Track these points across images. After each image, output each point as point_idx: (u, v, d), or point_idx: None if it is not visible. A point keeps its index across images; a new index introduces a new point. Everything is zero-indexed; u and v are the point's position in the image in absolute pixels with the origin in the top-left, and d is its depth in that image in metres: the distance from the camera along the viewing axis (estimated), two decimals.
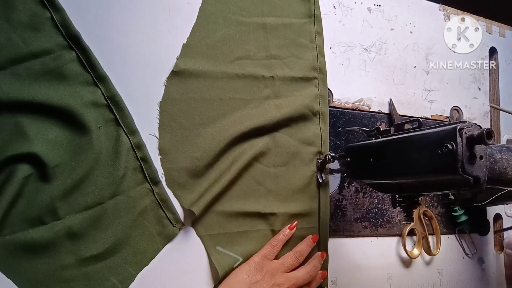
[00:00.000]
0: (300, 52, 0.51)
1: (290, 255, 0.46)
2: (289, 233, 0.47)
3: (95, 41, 0.41)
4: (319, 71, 0.52)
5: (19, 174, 0.37)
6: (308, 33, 0.52)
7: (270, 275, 0.43)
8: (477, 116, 0.66)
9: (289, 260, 0.45)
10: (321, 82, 0.52)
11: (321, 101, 0.52)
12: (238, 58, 0.48)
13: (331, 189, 0.53)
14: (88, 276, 0.39)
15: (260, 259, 0.44)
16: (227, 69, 0.47)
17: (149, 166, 0.42)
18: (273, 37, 0.50)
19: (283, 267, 0.45)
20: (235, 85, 0.47)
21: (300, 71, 0.51)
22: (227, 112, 0.46)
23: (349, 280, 0.52)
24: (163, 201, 0.42)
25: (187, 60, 0.45)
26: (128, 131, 0.41)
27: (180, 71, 0.45)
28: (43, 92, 0.38)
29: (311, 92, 0.51)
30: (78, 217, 0.38)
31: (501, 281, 0.64)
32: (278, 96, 0.49)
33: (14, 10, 0.38)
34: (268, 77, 0.49)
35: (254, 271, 0.43)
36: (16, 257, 0.36)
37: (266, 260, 0.44)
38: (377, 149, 0.40)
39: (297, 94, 0.50)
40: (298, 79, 0.51)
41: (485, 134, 0.29)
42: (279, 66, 0.50)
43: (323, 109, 0.52)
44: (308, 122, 0.51)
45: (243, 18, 0.49)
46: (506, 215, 0.67)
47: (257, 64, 0.49)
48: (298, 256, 0.46)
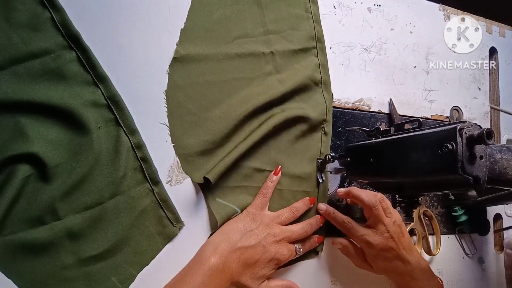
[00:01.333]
0: (296, 23, 0.52)
1: (287, 209, 0.46)
2: (276, 179, 0.47)
3: (95, 41, 0.41)
4: (317, 40, 0.53)
5: (19, 174, 0.37)
6: (303, 3, 0.53)
7: (265, 225, 0.43)
8: (477, 116, 0.66)
9: (285, 213, 0.46)
10: (320, 51, 0.53)
11: (322, 70, 0.52)
12: (237, 37, 0.48)
13: (331, 189, 0.53)
14: (89, 276, 0.39)
15: (254, 209, 0.45)
16: (227, 49, 0.47)
17: (149, 166, 0.42)
18: (269, 12, 0.50)
19: (279, 220, 0.45)
20: (237, 64, 0.47)
21: (298, 43, 0.51)
22: (231, 92, 0.47)
23: (349, 280, 0.52)
24: (163, 201, 0.42)
25: (186, 45, 0.45)
26: (128, 131, 0.41)
27: (181, 57, 0.45)
28: (43, 92, 0.38)
29: (311, 62, 0.52)
30: (78, 217, 0.38)
31: (501, 281, 0.64)
32: (279, 71, 0.50)
33: (14, 10, 0.38)
34: (268, 53, 0.49)
35: (249, 220, 0.44)
36: (17, 257, 0.36)
37: (260, 210, 0.45)
38: (377, 149, 0.40)
39: (298, 66, 0.51)
40: (297, 51, 0.51)
41: (485, 134, 0.29)
42: (277, 41, 0.50)
43: (324, 78, 0.52)
44: (312, 92, 0.52)
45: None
46: (506, 215, 0.67)
47: (256, 41, 0.49)
48: (294, 211, 0.46)
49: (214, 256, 0.40)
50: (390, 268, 0.47)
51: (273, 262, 0.43)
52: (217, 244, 0.41)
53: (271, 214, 0.46)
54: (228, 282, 0.41)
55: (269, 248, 0.42)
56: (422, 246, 0.57)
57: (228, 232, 0.43)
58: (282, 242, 0.44)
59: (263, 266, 0.42)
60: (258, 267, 0.42)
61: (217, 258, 0.40)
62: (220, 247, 0.41)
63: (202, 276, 0.38)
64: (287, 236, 0.44)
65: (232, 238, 0.42)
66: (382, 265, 0.47)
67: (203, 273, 0.39)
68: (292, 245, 0.45)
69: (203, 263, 0.39)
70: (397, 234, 0.46)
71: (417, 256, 0.48)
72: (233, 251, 0.41)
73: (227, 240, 0.41)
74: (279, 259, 0.43)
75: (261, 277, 0.43)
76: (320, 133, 0.52)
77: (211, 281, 0.39)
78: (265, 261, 0.42)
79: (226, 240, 0.42)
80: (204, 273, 0.39)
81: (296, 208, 0.47)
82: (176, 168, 0.44)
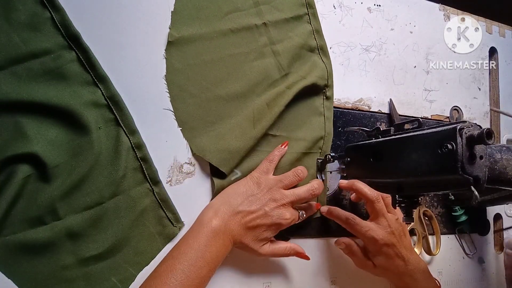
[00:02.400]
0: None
1: (290, 173, 0.45)
2: (283, 150, 0.47)
3: (95, 41, 0.41)
4: (307, 6, 0.52)
5: (19, 174, 0.37)
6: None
7: (268, 190, 0.43)
8: (477, 116, 0.66)
9: (289, 177, 0.45)
10: (312, 17, 0.52)
11: (316, 36, 0.52)
12: (228, 12, 0.47)
13: (331, 189, 0.53)
14: (89, 276, 0.39)
15: (258, 174, 0.44)
16: (220, 26, 0.47)
17: (149, 166, 0.42)
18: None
19: (281, 184, 0.44)
20: (231, 40, 0.47)
21: (289, 11, 0.51)
22: (230, 69, 0.47)
23: (349, 280, 0.52)
24: (163, 201, 0.42)
25: (179, 27, 0.45)
26: (128, 131, 0.41)
27: (176, 40, 0.45)
28: (43, 92, 0.38)
29: (304, 30, 0.52)
30: (78, 217, 0.38)
31: (501, 281, 0.64)
32: (274, 42, 0.49)
33: (14, 10, 0.38)
34: (260, 24, 0.49)
35: (252, 184, 0.44)
36: (17, 257, 0.36)
37: (265, 174, 0.45)
38: (377, 149, 0.41)
39: (292, 35, 0.51)
40: (289, 20, 0.51)
41: (485, 134, 0.29)
42: (268, 11, 0.50)
43: (320, 43, 0.52)
44: (309, 59, 0.52)
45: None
46: (506, 215, 0.67)
47: (247, 14, 0.48)
48: (297, 174, 0.45)
49: (215, 218, 0.40)
50: (392, 267, 0.47)
51: (275, 226, 0.43)
52: (217, 208, 0.41)
53: (275, 178, 0.45)
54: (231, 243, 0.41)
55: (271, 213, 0.42)
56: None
57: (229, 195, 0.43)
58: (285, 207, 0.43)
59: (265, 230, 0.42)
60: (259, 230, 0.42)
61: (218, 220, 0.40)
62: (221, 210, 0.41)
63: (205, 238, 0.39)
64: (291, 201, 0.44)
65: (233, 202, 0.42)
66: (383, 263, 0.47)
67: (206, 235, 0.39)
68: (295, 210, 0.45)
69: (205, 226, 0.40)
70: (398, 231, 0.46)
71: (416, 257, 0.48)
72: (234, 214, 0.41)
73: (227, 204, 0.42)
74: (281, 223, 0.43)
75: (264, 239, 0.43)
76: (322, 97, 0.52)
77: (215, 242, 0.39)
78: (266, 226, 0.42)
79: (226, 203, 0.42)
80: (206, 235, 0.39)
81: (301, 170, 0.46)
82: (176, 168, 0.44)
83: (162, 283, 0.36)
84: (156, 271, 0.38)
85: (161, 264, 0.39)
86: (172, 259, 0.38)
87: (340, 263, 0.52)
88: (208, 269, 0.39)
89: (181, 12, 0.45)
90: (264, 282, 0.48)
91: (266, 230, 0.42)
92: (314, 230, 0.51)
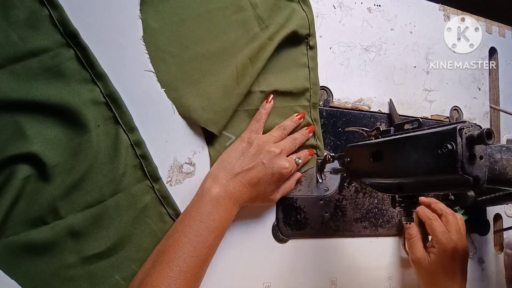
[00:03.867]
0: None
1: (276, 128, 0.47)
2: (269, 106, 0.47)
3: (93, 39, 0.41)
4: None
5: (19, 175, 0.37)
6: None
7: (260, 145, 0.44)
8: (477, 116, 0.66)
9: (275, 132, 0.47)
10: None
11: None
12: None
13: (331, 189, 0.53)
14: (92, 274, 0.39)
15: (249, 133, 0.45)
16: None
17: (149, 163, 0.42)
18: None
19: (273, 138, 0.46)
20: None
21: None
22: (208, 25, 0.46)
23: (349, 280, 0.52)
24: (164, 198, 0.42)
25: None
26: (127, 128, 0.41)
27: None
28: (42, 91, 0.38)
29: None
30: (80, 216, 0.38)
31: (501, 281, 0.64)
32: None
33: (12, 7, 0.38)
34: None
35: (244, 145, 0.44)
36: (19, 258, 0.36)
37: (255, 133, 0.45)
38: (377, 149, 0.40)
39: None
40: None
41: (485, 134, 0.29)
42: None
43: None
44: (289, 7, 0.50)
45: None
46: (506, 215, 0.67)
47: None
48: (283, 129, 0.47)
49: (213, 187, 0.41)
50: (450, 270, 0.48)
51: (276, 176, 0.43)
52: (215, 175, 0.42)
53: (265, 136, 0.46)
54: (236, 207, 0.42)
55: (270, 164, 0.43)
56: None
57: (224, 160, 0.43)
58: (281, 156, 0.44)
59: (268, 182, 0.43)
60: (263, 184, 0.43)
61: (217, 187, 0.40)
62: (219, 177, 0.41)
63: (206, 208, 0.39)
64: (285, 149, 0.45)
65: (228, 166, 0.42)
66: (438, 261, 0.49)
67: (207, 204, 0.39)
68: (291, 157, 0.46)
69: (205, 195, 0.40)
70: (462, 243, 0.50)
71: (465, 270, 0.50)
72: (233, 178, 0.41)
73: (224, 169, 0.42)
74: (281, 172, 0.43)
75: (270, 192, 0.44)
76: (305, 47, 0.51)
77: (217, 210, 0.40)
78: (268, 177, 0.43)
79: (223, 169, 0.42)
80: (208, 204, 0.39)
81: (285, 126, 0.47)
82: (176, 168, 0.44)
83: (170, 258, 0.36)
84: (163, 246, 0.38)
85: (166, 238, 0.39)
86: (177, 232, 0.38)
87: (340, 263, 0.52)
88: (214, 237, 0.39)
89: None
90: (264, 282, 0.47)
91: (269, 183, 0.43)
92: (314, 230, 0.51)
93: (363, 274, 0.51)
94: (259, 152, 0.43)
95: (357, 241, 0.54)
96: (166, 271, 0.35)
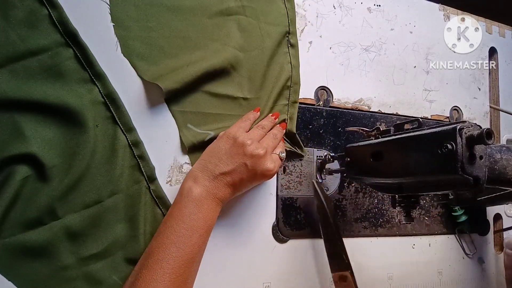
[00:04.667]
0: None
1: (255, 128, 0.46)
2: (256, 115, 0.48)
3: (92, 38, 0.41)
4: None
5: (17, 176, 0.36)
6: None
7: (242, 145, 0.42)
8: (477, 116, 0.66)
9: (255, 131, 0.45)
10: None
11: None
12: None
13: (331, 189, 0.53)
14: (89, 275, 0.38)
15: (235, 130, 0.44)
16: None
17: (146, 163, 0.42)
18: None
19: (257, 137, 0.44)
20: None
21: None
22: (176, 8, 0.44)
23: None
24: (159, 198, 0.42)
25: None
26: (125, 128, 0.41)
27: None
28: (40, 90, 0.38)
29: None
30: (77, 217, 0.38)
31: (501, 281, 0.64)
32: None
33: (11, 7, 0.38)
34: None
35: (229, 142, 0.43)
36: (17, 259, 0.36)
37: (242, 130, 0.44)
38: (377, 149, 0.40)
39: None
40: None
41: (485, 134, 0.29)
42: None
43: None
44: (271, 3, 0.50)
45: None
46: (506, 215, 0.67)
47: None
48: (262, 128, 0.46)
49: (195, 187, 0.40)
50: None
51: (259, 177, 0.43)
52: (196, 175, 0.41)
53: (245, 134, 0.45)
54: (219, 204, 0.41)
55: (253, 166, 0.41)
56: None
57: (206, 160, 0.42)
58: (265, 157, 0.43)
59: (252, 180, 0.42)
60: (247, 182, 0.42)
61: (198, 188, 0.40)
62: (199, 177, 0.41)
63: (188, 208, 0.39)
64: (268, 149, 0.43)
65: (210, 166, 0.41)
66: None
67: (188, 205, 0.39)
68: (274, 154, 0.45)
69: (186, 196, 0.39)
70: None
71: None
72: (214, 179, 0.41)
73: (205, 169, 0.41)
74: (265, 174, 0.42)
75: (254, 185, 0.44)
76: (287, 46, 0.51)
77: (199, 210, 0.39)
78: (251, 178, 0.42)
79: (204, 169, 0.41)
80: (189, 205, 0.39)
81: (263, 125, 0.47)
82: (176, 168, 0.44)
83: (156, 260, 0.36)
84: (149, 248, 0.38)
85: (152, 241, 0.39)
86: (160, 234, 0.38)
87: None
88: (198, 236, 0.38)
89: None
90: (264, 282, 0.47)
91: (254, 180, 0.42)
92: (314, 230, 0.51)
93: (363, 274, 0.51)
94: (243, 153, 0.42)
95: (357, 241, 0.54)
96: (151, 274, 0.35)
